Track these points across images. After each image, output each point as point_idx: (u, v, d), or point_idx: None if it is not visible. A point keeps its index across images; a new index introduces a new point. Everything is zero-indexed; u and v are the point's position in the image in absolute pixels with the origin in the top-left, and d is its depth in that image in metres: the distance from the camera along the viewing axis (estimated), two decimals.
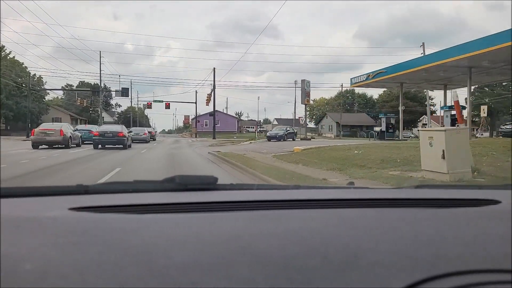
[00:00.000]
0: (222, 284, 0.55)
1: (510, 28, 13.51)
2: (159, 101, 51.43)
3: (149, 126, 60.70)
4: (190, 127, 70.35)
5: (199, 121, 57.91)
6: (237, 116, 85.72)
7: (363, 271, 0.59)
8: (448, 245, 0.72)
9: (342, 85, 62.54)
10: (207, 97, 46.84)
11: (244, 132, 64.98)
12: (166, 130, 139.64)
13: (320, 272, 0.59)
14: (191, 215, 0.88)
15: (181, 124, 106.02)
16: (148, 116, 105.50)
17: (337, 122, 59.56)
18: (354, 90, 65.73)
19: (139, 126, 48.00)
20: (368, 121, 62.75)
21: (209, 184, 1.14)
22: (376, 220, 0.89)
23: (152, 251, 0.63)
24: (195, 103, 51.83)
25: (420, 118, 56.19)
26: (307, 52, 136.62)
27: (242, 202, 1.02)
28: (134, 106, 74.27)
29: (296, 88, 52.63)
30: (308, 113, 63.67)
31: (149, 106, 51.72)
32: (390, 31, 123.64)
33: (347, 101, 67.23)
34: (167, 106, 50.81)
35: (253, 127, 66.86)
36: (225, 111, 74.83)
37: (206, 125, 60.59)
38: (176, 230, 0.75)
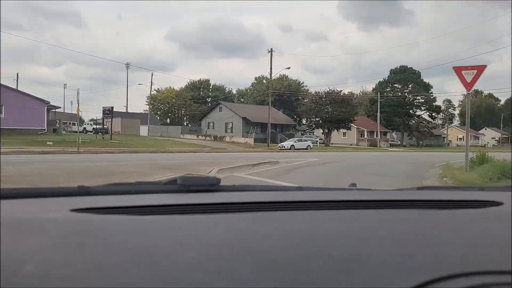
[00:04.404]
0: (226, 285, 0.54)
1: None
2: None
3: None
4: None
5: None
6: (47, 102, 34.43)
7: (367, 272, 0.59)
8: (451, 246, 0.72)
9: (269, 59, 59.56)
10: None
11: (65, 132, 39.58)
12: None
13: (323, 273, 0.58)
14: (194, 217, 0.87)
15: None
16: None
17: (243, 118, 46.92)
18: (287, 76, 62.40)
19: None
20: (283, 120, 52.92)
21: (211, 185, 1.12)
22: (379, 221, 0.89)
23: (155, 252, 0.63)
24: None
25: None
26: (117, 46, 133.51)
27: (245, 204, 1.01)
28: None
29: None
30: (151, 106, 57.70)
31: None
32: (201, 37, 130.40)
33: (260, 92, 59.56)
34: None
35: (83, 124, 47.43)
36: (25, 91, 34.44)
37: None
38: (179, 232, 0.75)
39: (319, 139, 49.94)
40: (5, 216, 0.78)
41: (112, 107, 35.91)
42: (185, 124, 74.25)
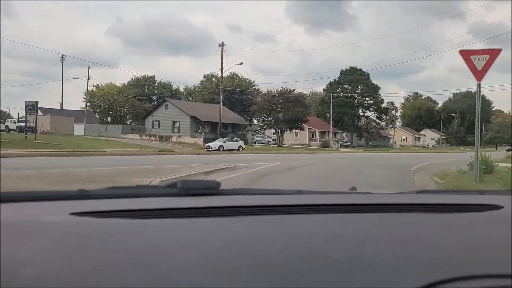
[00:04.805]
0: None
1: None
2: None
3: None
4: None
5: None
6: None
7: (367, 275, 0.60)
8: (451, 250, 0.72)
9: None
10: None
11: None
12: None
13: (323, 276, 0.59)
14: (194, 220, 0.87)
15: None
16: None
17: (192, 117, 43.87)
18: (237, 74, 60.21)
19: None
20: (235, 119, 49.39)
21: (211, 189, 1.12)
22: (378, 225, 0.89)
23: (154, 255, 0.64)
24: None
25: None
26: (51, 40, 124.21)
27: (245, 207, 1.00)
28: None
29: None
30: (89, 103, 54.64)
31: None
32: (146, 33, 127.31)
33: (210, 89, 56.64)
34: None
35: (5, 121, 41.03)
36: None
37: None
38: (179, 235, 0.76)
39: (272, 140, 48.05)
40: (5, 219, 0.78)
41: (37, 102, 30.70)
42: (128, 123, 69.10)
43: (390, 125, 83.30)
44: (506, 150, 74.22)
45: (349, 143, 63.36)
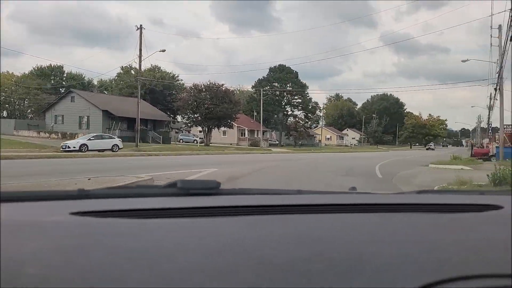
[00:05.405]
0: None
1: None
2: None
3: None
4: None
5: None
6: None
7: (367, 276, 0.60)
8: (451, 250, 0.73)
9: None
10: None
11: None
12: None
13: (324, 276, 0.59)
14: (194, 220, 0.87)
15: None
16: None
17: (105, 111, 37.79)
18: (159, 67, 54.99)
19: None
20: (156, 115, 44.95)
21: (211, 188, 1.11)
22: (379, 225, 0.89)
23: (155, 255, 0.64)
24: None
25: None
26: None
27: (245, 207, 1.00)
28: None
29: None
30: None
31: None
32: (57, 21, 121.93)
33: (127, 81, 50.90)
34: None
35: None
36: None
37: None
38: (179, 235, 0.76)
39: (198, 138, 43.61)
40: (6, 219, 0.79)
41: None
42: (30, 117, 59.10)
43: (314, 125, 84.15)
44: (427, 149, 79.93)
45: (277, 142, 61.49)
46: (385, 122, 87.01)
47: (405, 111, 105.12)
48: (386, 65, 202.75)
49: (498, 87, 27.91)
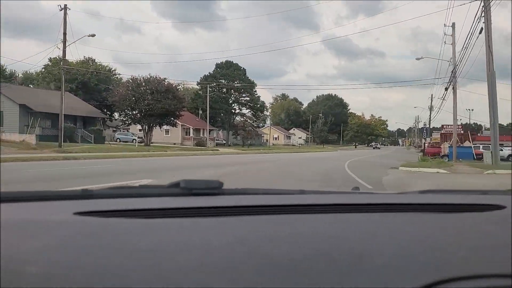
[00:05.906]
0: None
1: None
2: None
3: None
4: None
5: None
6: None
7: (369, 275, 0.60)
8: (453, 249, 0.73)
9: None
10: None
11: None
12: None
13: (326, 275, 0.60)
14: (197, 220, 0.87)
15: None
16: None
17: (22, 105, 32.56)
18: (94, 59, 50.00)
19: None
20: (88, 111, 39.75)
21: (214, 188, 1.11)
22: (381, 224, 0.90)
23: (158, 255, 0.64)
24: None
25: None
26: None
27: (248, 207, 1.01)
28: None
29: None
30: None
31: None
32: None
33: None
34: None
35: None
36: None
37: None
38: (182, 235, 0.76)
39: (138, 137, 39.15)
40: (9, 218, 0.79)
41: None
42: None
43: (261, 124, 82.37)
44: (373, 148, 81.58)
45: (225, 142, 58.40)
46: (330, 122, 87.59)
47: (349, 112, 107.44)
48: (328, 67, 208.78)
49: (452, 86, 27.40)
